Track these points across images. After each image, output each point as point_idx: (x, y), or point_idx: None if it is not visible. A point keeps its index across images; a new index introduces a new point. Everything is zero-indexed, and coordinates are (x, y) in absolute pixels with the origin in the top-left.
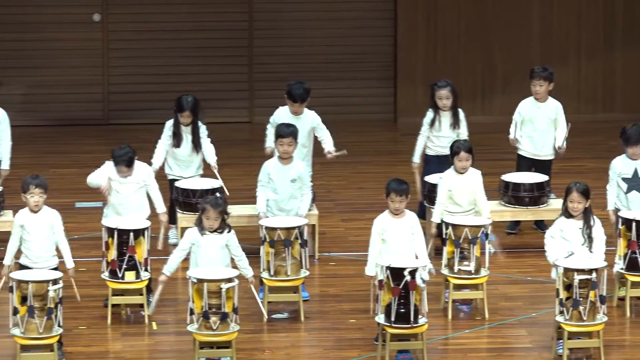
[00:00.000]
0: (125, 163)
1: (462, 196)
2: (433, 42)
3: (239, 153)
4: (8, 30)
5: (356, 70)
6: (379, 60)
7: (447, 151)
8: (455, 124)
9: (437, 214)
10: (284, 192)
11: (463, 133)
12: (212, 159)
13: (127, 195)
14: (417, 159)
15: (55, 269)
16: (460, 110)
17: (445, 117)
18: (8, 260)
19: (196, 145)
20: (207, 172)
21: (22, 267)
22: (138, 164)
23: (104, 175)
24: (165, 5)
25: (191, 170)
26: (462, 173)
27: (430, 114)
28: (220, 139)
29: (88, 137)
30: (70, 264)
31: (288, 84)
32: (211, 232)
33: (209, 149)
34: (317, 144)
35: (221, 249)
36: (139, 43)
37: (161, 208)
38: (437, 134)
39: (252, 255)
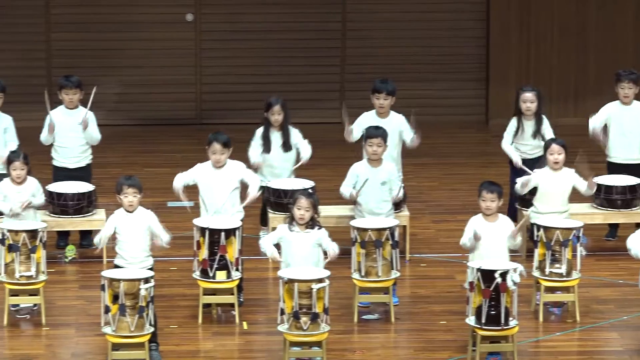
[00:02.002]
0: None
1: (554, 195)
2: (526, 43)
3: (330, 154)
4: (102, 30)
5: (448, 72)
6: (471, 61)
7: (532, 155)
8: (537, 132)
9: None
10: (373, 194)
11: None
12: (304, 154)
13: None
14: (517, 157)
15: (150, 269)
16: (544, 117)
17: (529, 125)
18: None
19: (286, 146)
20: (298, 172)
21: (117, 266)
22: (231, 162)
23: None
24: (257, 5)
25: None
26: (555, 170)
27: (513, 123)
28: (311, 140)
29: (180, 137)
30: (165, 237)
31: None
32: (301, 224)
33: (305, 148)
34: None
35: (312, 248)
36: (231, 43)
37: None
38: (520, 142)
39: (343, 256)
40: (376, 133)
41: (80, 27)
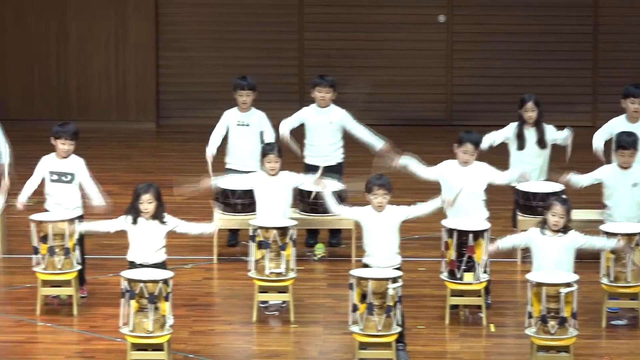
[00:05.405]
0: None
1: None
2: None
3: (580, 157)
4: (353, 30)
5: None
6: None
7: None
8: None
9: None
10: (624, 198)
11: None
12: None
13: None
14: None
15: (398, 268)
16: None
17: None
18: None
19: (541, 143)
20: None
21: (365, 265)
22: (477, 164)
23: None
24: (509, 7)
25: (534, 175)
26: None
27: None
28: None
29: (430, 138)
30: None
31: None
32: (555, 230)
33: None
34: None
35: (565, 252)
36: (482, 45)
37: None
38: None
39: (592, 260)
40: (629, 141)
41: (332, 27)
